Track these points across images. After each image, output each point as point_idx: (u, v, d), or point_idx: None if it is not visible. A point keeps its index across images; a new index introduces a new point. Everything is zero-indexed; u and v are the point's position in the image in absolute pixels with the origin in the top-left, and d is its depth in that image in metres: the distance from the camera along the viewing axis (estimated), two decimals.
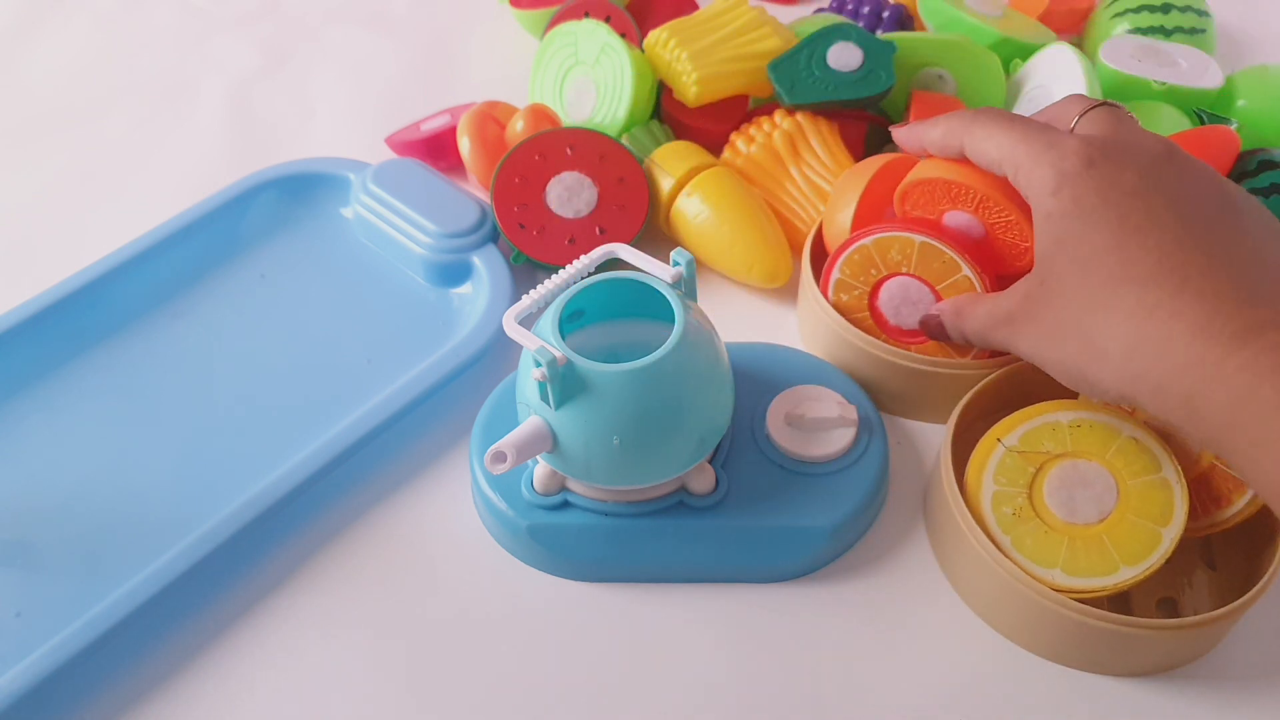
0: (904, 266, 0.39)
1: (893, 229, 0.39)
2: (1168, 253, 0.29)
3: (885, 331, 0.41)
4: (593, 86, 0.54)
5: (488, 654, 0.36)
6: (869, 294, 0.41)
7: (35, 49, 0.68)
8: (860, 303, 0.41)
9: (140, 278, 0.48)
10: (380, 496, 0.41)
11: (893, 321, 0.41)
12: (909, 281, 0.39)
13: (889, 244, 0.39)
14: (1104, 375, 0.31)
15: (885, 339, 0.41)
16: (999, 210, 0.37)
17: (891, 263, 0.39)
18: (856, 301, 0.41)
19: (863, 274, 0.40)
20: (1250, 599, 0.34)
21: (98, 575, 0.37)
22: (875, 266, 0.40)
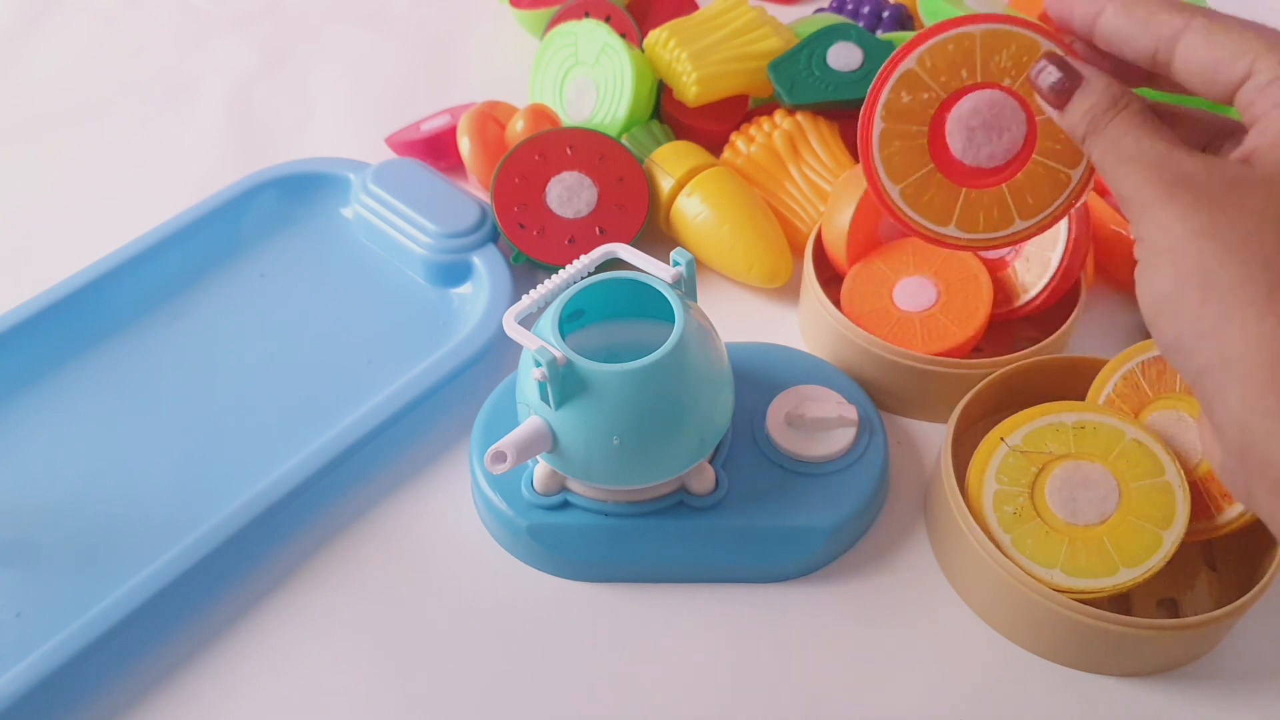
0: (1007, 78, 0.28)
1: (1014, 24, 0.28)
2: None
3: (937, 161, 0.29)
4: (593, 86, 0.54)
5: (488, 654, 0.36)
6: (938, 104, 0.29)
7: (35, 49, 0.68)
8: (922, 113, 0.29)
9: (140, 278, 0.48)
10: (380, 496, 0.41)
11: (958, 150, 0.29)
12: (1007, 101, 0.28)
13: (1004, 41, 0.28)
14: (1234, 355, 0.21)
15: (930, 170, 0.29)
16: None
17: (996, 69, 0.28)
18: (918, 109, 0.29)
19: (946, 74, 0.28)
20: (1250, 599, 0.34)
21: (98, 575, 0.37)
22: (970, 67, 0.28)
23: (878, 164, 0.29)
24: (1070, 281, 0.44)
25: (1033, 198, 0.28)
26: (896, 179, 0.29)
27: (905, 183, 0.29)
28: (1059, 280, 0.43)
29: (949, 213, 0.29)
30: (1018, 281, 0.45)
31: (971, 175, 0.29)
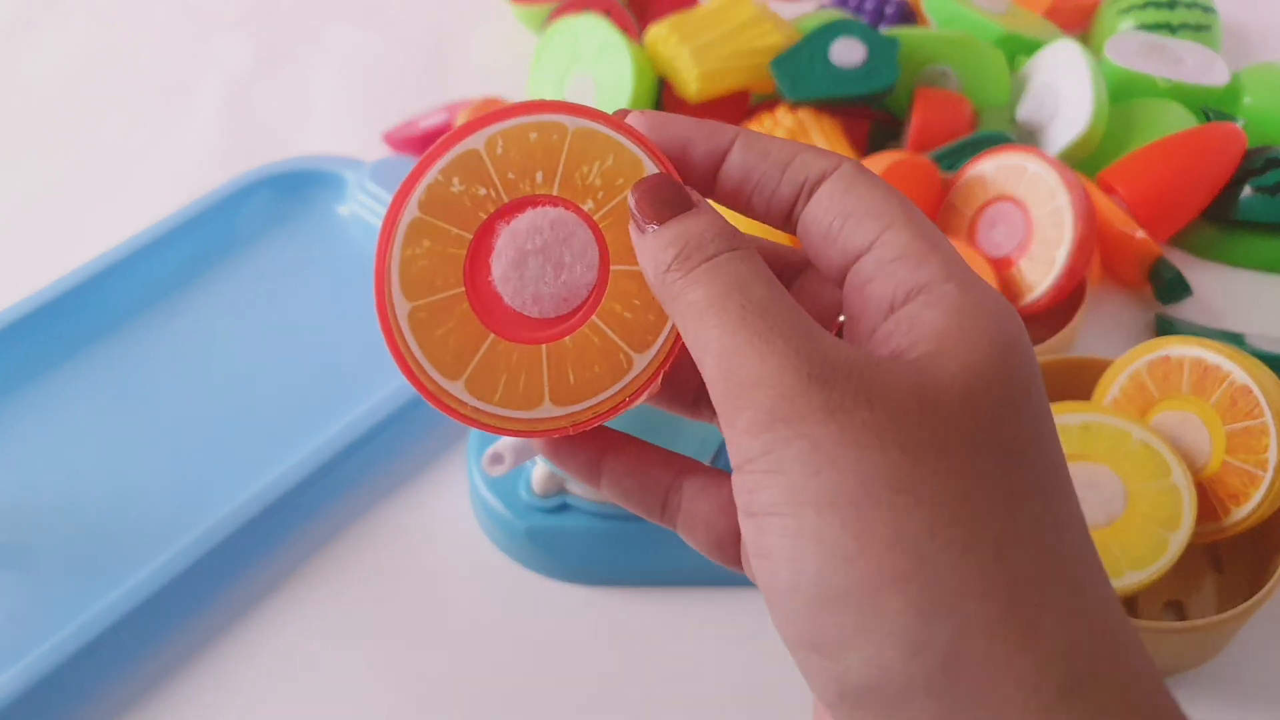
0: (591, 200, 0.19)
1: (623, 133, 0.19)
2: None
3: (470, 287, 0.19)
4: (592, 83, 0.53)
5: (485, 658, 0.36)
6: (496, 208, 0.19)
7: (31, 48, 0.67)
8: (471, 214, 0.19)
9: (136, 277, 0.48)
10: (377, 498, 0.41)
11: (499, 277, 0.19)
12: (580, 230, 0.20)
13: (601, 149, 0.19)
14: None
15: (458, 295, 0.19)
16: None
17: (580, 184, 0.20)
18: (467, 208, 0.19)
19: (518, 170, 0.19)
20: (1257, 602, 0.33)
21: (93, 578, 0.37)
22: (548, 170, 0.19)
23: (392, 265, 0.19)
24: (1075, 280, 0.44)
25: (575, 376, 0.19)
26: (411, 293, 0.19)
27: (419, 302, 0.19)
28: (1064, 279, 0.43)
29: (461, 363, 0.19)
30: (1023, 280, 0.44)
31: (509, 320, 0.19)
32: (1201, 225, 0.51)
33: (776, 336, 0.16)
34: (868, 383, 0.15)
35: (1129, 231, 0.47)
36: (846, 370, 0.15)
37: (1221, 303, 0.48)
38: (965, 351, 0.16)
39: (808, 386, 0.15)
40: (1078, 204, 0.43)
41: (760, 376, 0.15)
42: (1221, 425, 0.35)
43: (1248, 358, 0.35)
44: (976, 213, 0.46)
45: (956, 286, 0.16)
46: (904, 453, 0.15)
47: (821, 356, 0.15)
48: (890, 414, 0.15)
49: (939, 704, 0.14)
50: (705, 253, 0.17)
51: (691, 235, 0.17)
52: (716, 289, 0.16)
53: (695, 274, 0.17)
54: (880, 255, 0.17)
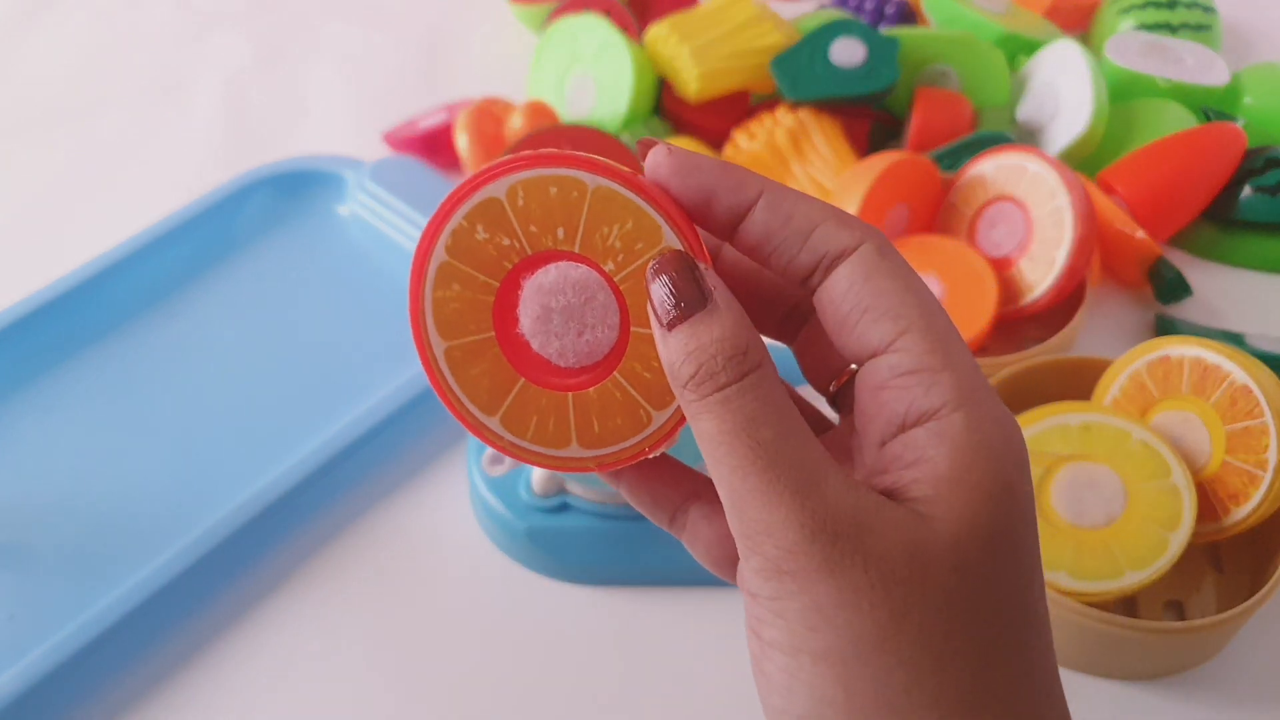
0: (611, 262, 0.20)
1: (643, 195, 0.19)
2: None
3: (499, 331, 0.20)
4: (592, 83, 0.53)
5: (485, 658, 0.36)
6: (519, 259, 0.20)
7: (30, 47, 0.67)
8: (495, 263, 0.20)
9: (134, 277, 0.47)
10: (377, 498, 0.41)
11: (526, 328, 0.20)
12: (601, 291, 0.20)
13: (621, 212, 0.19)
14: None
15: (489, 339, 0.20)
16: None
17: (600, 245, 0.20)
18: (492, 257, 0.20)
19: (539, 223, 0.20)
20: (1257, 602, 0.33)
21: (92, 578, 0.37)
22: (569, 228, 0.19)
23: (426, 306, 0.20)
24: (1076, 280, 0.44)
25: (600, 425, 0.20)
26: (445, 333, 0.20)
27: (454, 342, 0.20)
28: (1065, 279, 0.43)
29: (496, 401, 0.20)
30: (1023, 280, 0.44)
31: (537, 365, 0.20)
32: (1201, 225, 0.51)
33: (784, 488, 0.17)
34: (866, 541, 0.16)
35: (1129, 231, 0.47)
36: (847, 526, 0.16)
37: (1221, 303, 0.48)
38: (960, 504, 0.17)
39: (811, 544, 0.16)
40: (1078, 204, 0.43)
41: (768, 525, 0.17)
42: (1221, 425, 0.35)
43: (1248, 358, 0.35)
44: (976, 213, 0.46)
45: (964, 418, 0.17)
46: (891, 615, 0.16)
47: (824, 511, 0.17)
48: (883, 576, 0.16)
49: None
50: (717, 381, 0.17)
51: (706, 355, 0.18)
52: (726, 425, 0.17)
53: (708, 403, 0.18)
54: (895, 363, 0.18)
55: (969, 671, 0.16)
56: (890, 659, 0.16)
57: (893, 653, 0.16)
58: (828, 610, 0.16)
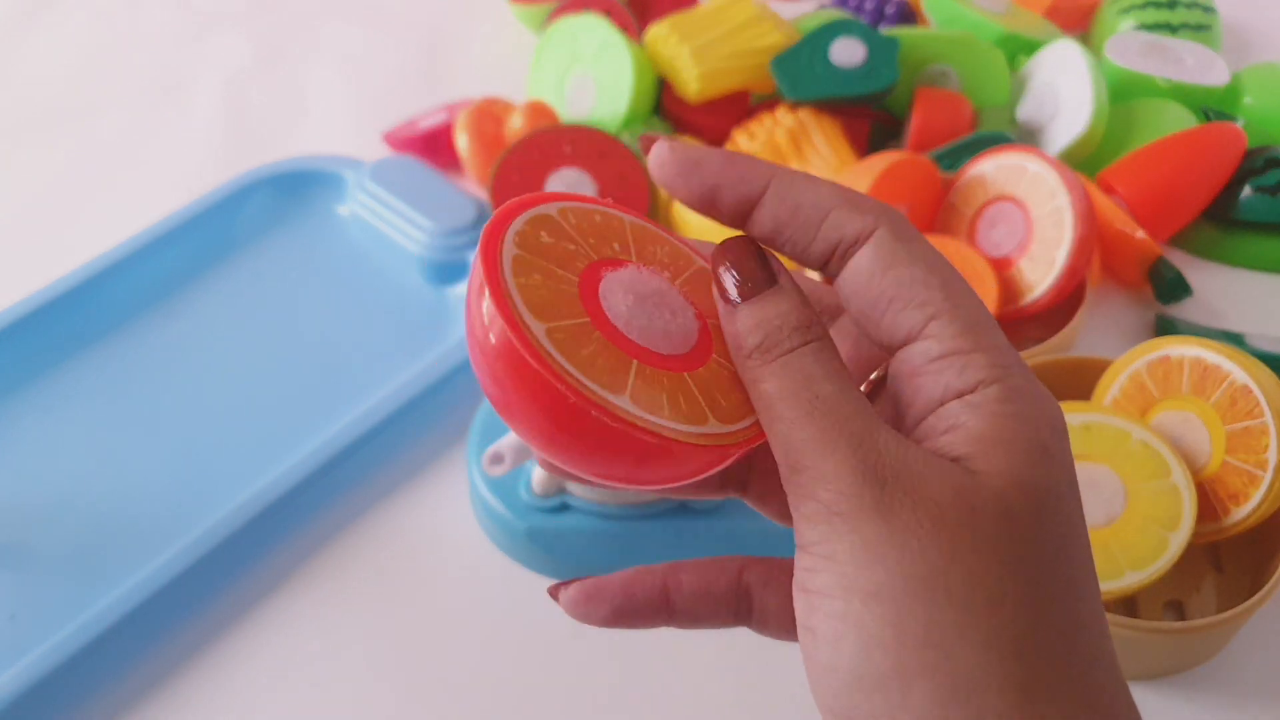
0: (667, 272, 0.21)
1: (671, 235, 0.21)
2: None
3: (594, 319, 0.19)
4: (592, 83, 0.53)
5: (486, 658, 0.36)
6: (588, 262, 0.20)
7: (29, 47, 0.67)
8: (569, 261, 0.20)
9: (134, 277, 0.48)
10: (377, 498, 0.41)
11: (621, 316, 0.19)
12: (670, 291, 0.20)
13: (655, 240, 0.21)
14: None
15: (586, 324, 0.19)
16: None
17: (653, 258, 0.21)
18: (563, 256, 0.20)
19: (596, 238, 0.20)
20: (1257, 602, 0.33)
21: (93, 578, 0.37)
22: (623, 244, 0.21)
23: (510, 290, 0.18)
24: (1076, 280, 0.44)
25: (725, 400, 0.19)
26: (540, 315, 0.18)
27: (552, 324, 0.18)
28: (1065, 279, 0.43)
29: (620, 380, 0.18)
30: (1023, 280, 0.44)
31: (638, 353, 0.19)
32: (1201, 225, 0.51)
33: (839, 437, 0.17)
34: (915, 485, 0.17)
35: (1129, 231, 0.47)
36: (897, 472, 0.17)
37: (1221, 303, 0.48)
38: (1002, 460, 0.17)
39: (862, 487, 0.17)
40: (1078, 204, 0.43)
41: (823, 472, 0.17)
42: (1221, 425, 0.35)
43: (1248, 358, 0.35)
44: (976, 213, 0.46)
45: (999, 390, 0.17)
46: (941, 554, 0.16)
47: (876, 458, 0.17)
48: (933, 517, 0.16)
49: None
50: (782, 347, 0.18)
51: (771, 326, 0.18)
52: (789, 384, 0.18)
53: (771, 366, 0.18)
54: (926, 350, 0.18)
55: (1022, 617, 0.16)
56: (941, 597, 0.16)
57: (944, 591, 0.16)
58: (878, 548, 0.16)
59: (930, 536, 0.16)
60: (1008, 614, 0.16)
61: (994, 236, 0.46)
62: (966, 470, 0.17)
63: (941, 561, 0.16)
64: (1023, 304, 0.44)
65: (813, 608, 0.17)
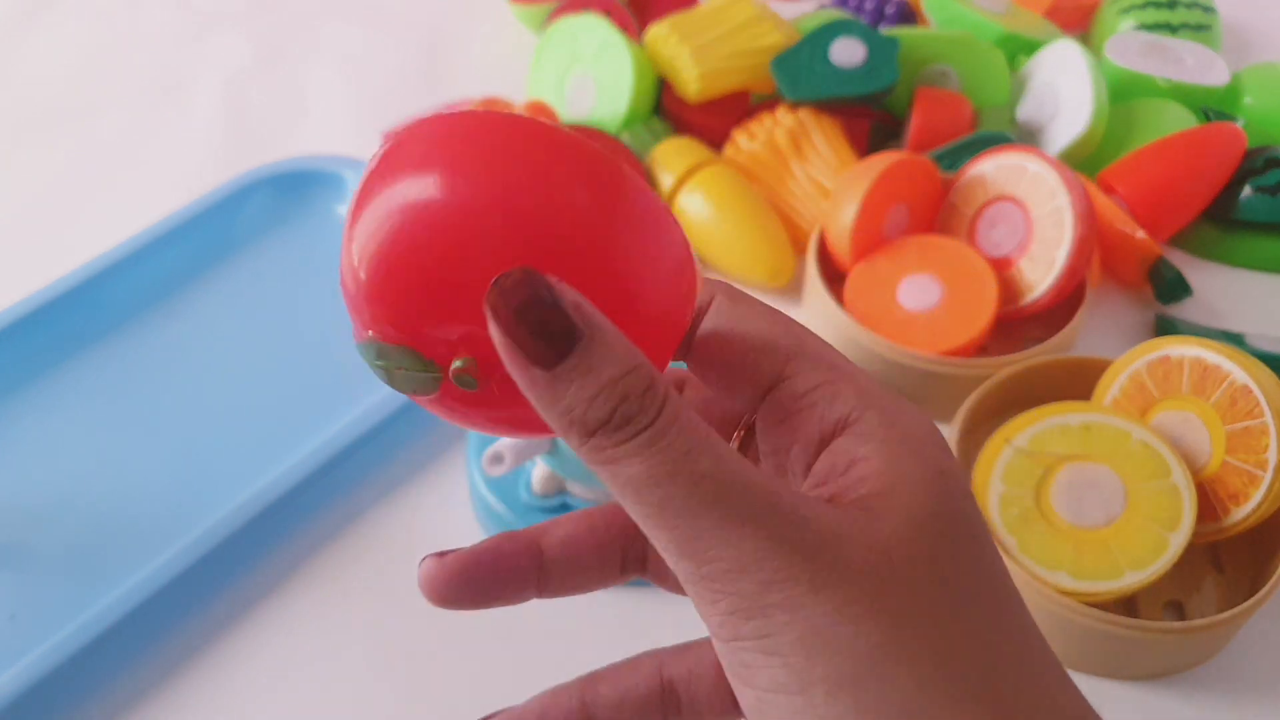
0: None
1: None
2: None
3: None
4: (592, 83, 0.53)
5: (486, 657, 0.36)
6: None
7: (29, 47, 0.67)
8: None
9: (133, 277, 0.47)
10: (376, 499, 0.41)
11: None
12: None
13: None
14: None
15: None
16: None
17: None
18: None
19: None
20: (1257, 602, 0.33)
21: (92, 578, 0.37)
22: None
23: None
24: (1076, 280, 0.44)
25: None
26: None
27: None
28: (1065, 279, 0.43)
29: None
30: (1023, 280, 0.44)
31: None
32: (1201, 225, 0.51)
33: (746, 519, 0.15)
34: (841, 549, 0.15)
35: (1129, 231, 0.47)
36: (819, 540, 0.15)
37: (1221, 303, 0.48)
38: (906, 495, 0.16)
39: (792, 569, 0.15)
40: (1078, 204, 0.43)
41: (738, 562, 0.15)
42: (1221, 425, 0.35)
43: (1248, 358, 0.35)
44: (976, 213, 0.46)
45: (877, 415, 0.17)
46: (889, 622, 0.15)
47: (793, 530, 0.15)
48: (868, 588, 0.15)
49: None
50: (639, 423, 0.15)
51: (615, 395, 0.15)
52: (659, 469, 0.15)
53: (628, 446, 0.15)
54: (792, 388, 0.17)
55: (975, 657, 0.16)
56: (899, 667, 0.15)
57: (900, 662, 0.15)
58: (826, 633, 0.15)
59: (870, 606, 0.15)
60: (961, 662, 0.15)
61: (994, 236, 0.46)
62: (875, 517, 0.16)
63: (892, 629, 0.15)
64: (1023, 304, 0.44)
65: (766, 704, 0.16)
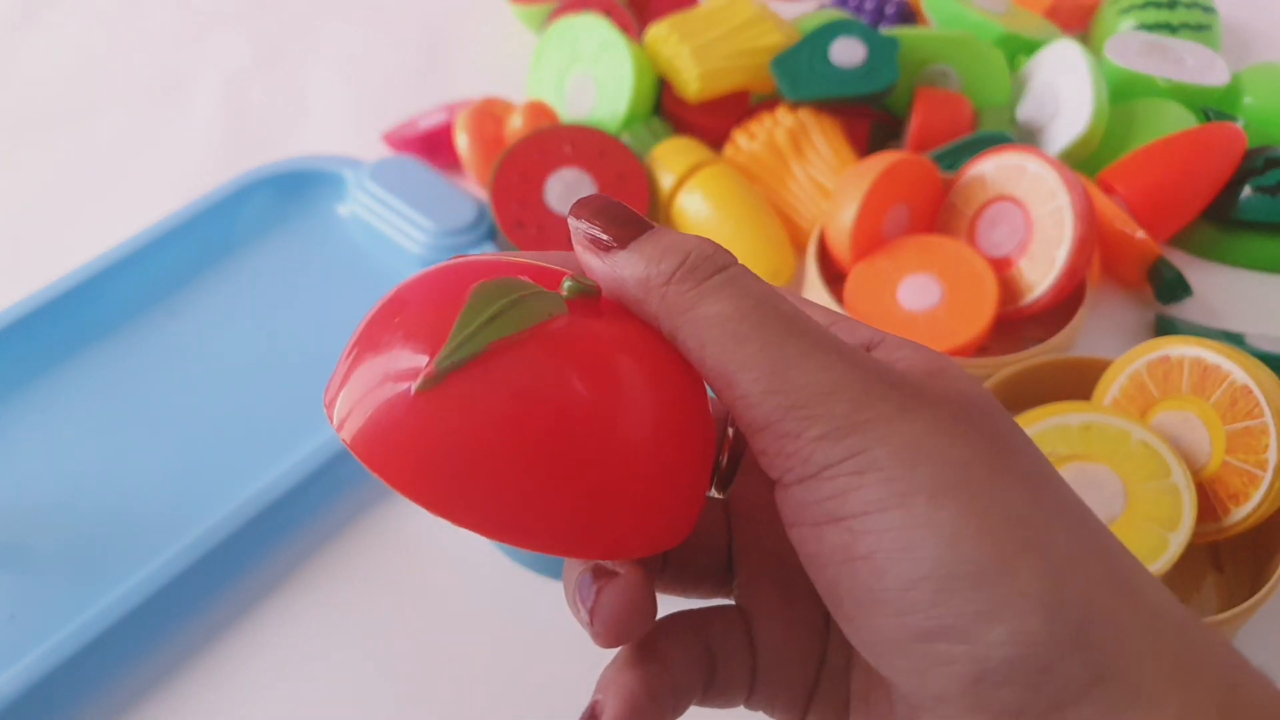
0: None
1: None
2: None
3: None
4: (592, 82, 0.53)
5: (486, 657, 0.36)
6: None
7: (28, 47, 0.67)
8: None
9: (134, 277, 0.47)
10: (377, 498, 0.41)
11: None
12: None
13: None
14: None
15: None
16: None
17: None
18: None
19: None
20: (1258, 602, 0.33)
21: (92, 578, 0.37)
22: None
23: None
24: (1076, 280, 0.44)
25: None
26: None
27: None
28: (1065, 279, 0.43)
29: None
30: (1023, 280, 0.44)
31: None
32: (1201, 225, 0.50)
33: (830, 347, 0.16)
34: (923, 384, 0.16)
35: (1129, 231, 0.47)
36: (899, 375, 0.16)
37: (1221, 303, 0.48)
38: (952, 371, 0.17)
39: (882, 390, 0.15)
40: (1078, 204, 0.43)
41: (830, 384, 0.15)
42: (1221, 425, 0.35)
43: (1248, 358, 0.35)
44: (976, 213, 0.46)
45: (895, 339, 0.18)
46: (984, 440, 0.15)
47: (874, 364, 0.16)
48: (955, 411, 0.16)
49: (1084, 659, 0.14)
50: (714, 263, 0.16)
51: (684, 250, 0.16)
52: (746, 302, 0.16)
53: (710, 284, 0.16)
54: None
55: (1066, 492, 0.16)
56: (1004, 478, 0.15)
57: (1003, 472, 0.15)
58: (925, 442, 0.15)
59: (965, 426, 0.15)
60: (1060, 490, 0.16)
61: (994, 236, 0.46)
62: (934, 376, 0.17)
63: (987, 447, 0.15)
64: (1023, 304, 0.44)
65: (858, 531, 0.15)
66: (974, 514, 0.15)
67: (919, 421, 0.15)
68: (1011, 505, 0.15)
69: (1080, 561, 0.15)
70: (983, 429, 0.16)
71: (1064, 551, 0.15)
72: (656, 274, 0.16)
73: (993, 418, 0.16)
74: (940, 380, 0.16)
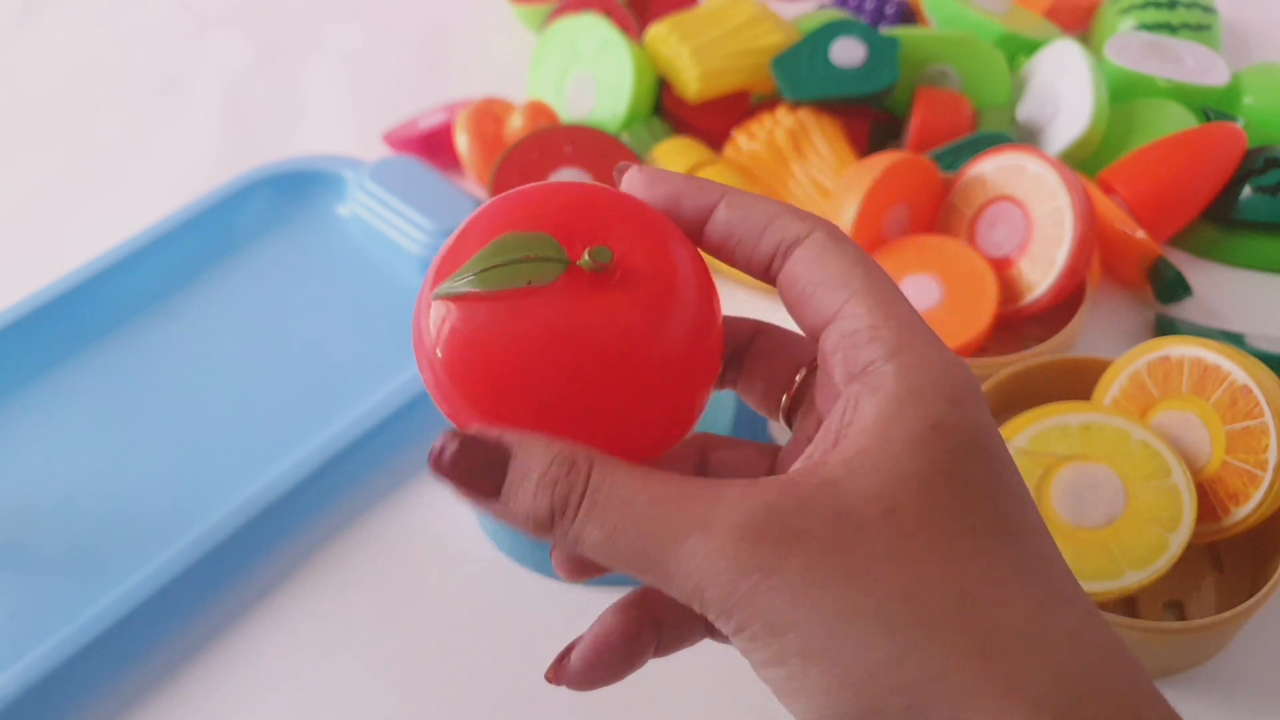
0: None
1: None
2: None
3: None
4: (592, 83, 0.53)
5: (487, 657, 0.36)
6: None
7: (28, 46, 0.67)
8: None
9: (134, 277, 0.47)
10: (377, 498, 0.41)
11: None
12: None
13: None
14: None
15: None
16: None
17: None
18: None
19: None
20: (1257, 602, 0.33)
21: (91, 578, 0.37)
22: None
23: None
24: (1076, 280, 0.44)
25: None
26: None
27: None
28: (1065, 279, 0.43)
29: None
30: (1023, 280, 0.44)
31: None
32: (1201, 225, 0.51)
33: (688, 532, 0.17)
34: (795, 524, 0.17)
35: (1129, 231, 0.47)
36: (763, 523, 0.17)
37: (1221, 303, 0.48)
38: (881, 456, 0.17)
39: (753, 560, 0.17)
40: (1078, 204, 0.43)
41: (701, 573, 0.17)
42: (1221, 425, 0.35)
43: (1248, 358, 0.35)
44: (977, 213, 0.46)
45: (894, 369, 0.18)
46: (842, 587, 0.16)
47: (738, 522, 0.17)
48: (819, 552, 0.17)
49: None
50: (574, 497, 0.17)
51: (547, 487, 0.17)
52: (611, 521, 0.17)
53: (581, 520, 0.17)
54: (842, 327, 0.19)
55: (950, 589, 0.16)
56: (859, 624, 0.16)
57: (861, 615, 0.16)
58: (785, 611, 0.17)
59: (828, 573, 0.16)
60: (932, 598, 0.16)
61: (994, 236, 0.46)
62: (839, 488, 0.17)
63: (848, 589, 0.16)
64: (1023, 304, 0.44)
65: (771, 685, 0.19)
66: (833, 675, 0.17)
67: (782, 588, 0.16)
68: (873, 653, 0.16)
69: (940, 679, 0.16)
70: (858, 559, 0.16)
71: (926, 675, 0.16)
72: (541, 524, 0.18)
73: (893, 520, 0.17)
74: (847, 483, 0.17)
